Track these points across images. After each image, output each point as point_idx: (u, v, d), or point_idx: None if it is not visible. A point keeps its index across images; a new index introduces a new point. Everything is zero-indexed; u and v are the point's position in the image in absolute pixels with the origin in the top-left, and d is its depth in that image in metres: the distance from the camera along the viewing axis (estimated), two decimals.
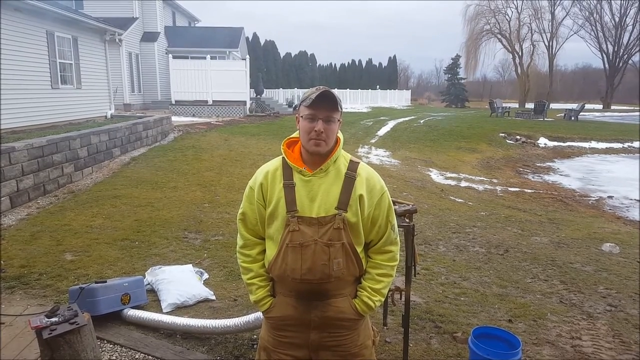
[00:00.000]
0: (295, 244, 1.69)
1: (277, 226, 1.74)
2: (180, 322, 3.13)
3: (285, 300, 1.79)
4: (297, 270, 1.70)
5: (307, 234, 1.68)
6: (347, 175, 1.72)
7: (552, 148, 17.61)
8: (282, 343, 1.81)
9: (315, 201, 1.69)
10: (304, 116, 1.68)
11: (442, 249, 5.27)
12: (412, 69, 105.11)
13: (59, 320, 2.21)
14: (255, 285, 1.84)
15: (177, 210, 6.33)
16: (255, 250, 1.86)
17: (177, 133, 13.53)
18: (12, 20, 9.36)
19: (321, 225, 1.68)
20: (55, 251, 4.68)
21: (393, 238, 1.81)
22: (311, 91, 1.70)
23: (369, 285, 1.78)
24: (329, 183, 1.71)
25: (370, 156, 12.99)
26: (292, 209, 1.69)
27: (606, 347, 3.18)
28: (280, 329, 1.81)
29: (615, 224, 7.27)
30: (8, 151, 6.15)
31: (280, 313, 1.79)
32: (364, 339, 1.84)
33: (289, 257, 1.70)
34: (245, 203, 1.84)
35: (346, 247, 1.70)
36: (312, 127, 1.66)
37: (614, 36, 46.81)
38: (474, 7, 44.64)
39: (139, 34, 21.10)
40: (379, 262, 1.80)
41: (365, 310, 1.78)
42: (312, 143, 1.67)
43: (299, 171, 1.72)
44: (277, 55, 43.94)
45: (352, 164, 1.76)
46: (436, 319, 3.48)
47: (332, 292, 1.74)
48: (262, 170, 1.81)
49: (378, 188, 1.76)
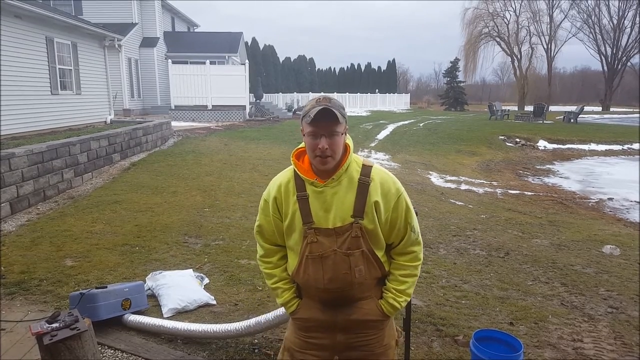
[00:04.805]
0: (314, 255, 1.69)
1: (295, 238, 1.75)
2: (181, 327, 3.12)
3: (311, 303, 1.80)
4: (320, 280, 1.70)
5: (326, 245, 1.67)
6: (360, 181, 1.68)
7: (551, 150, 17.63)
8: (308, 344, 1.81)
9: (331, 211, 1.67)
10: (307, 134, 1.63)
11: (443, 252, 5.26)
12: (411, 72, 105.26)
13: (59, 326, 2.20)
14: (281, 289, 1.85)
15: (177, 215, 6.33)
16: (276, 257, 1.87)
17: (177, 138, 13.56)
18: (12, 27, 9.39)
19: (339, 235, 1.67)
20: (55, 257, 4.68)
21: (414, 239, 1.78)
22: (311, 105, 1.63)
23: (393, 286, 1.77)
24: (343, 192, 1.67)
25: (370, 160, 12.99)
26: (308, 221, 1.68)
27: (608, 349, 3.17)
28: (307, 329, 1.81)
29: (615, 226, 7.27)
30: (8, 157, 6.16)
31: (307, 315, 1.80)
32: (389, 339, 1.84)
33: (310, 268, 1.71)
34: (261, 215, 1.83)
35: (366, 254, 1.69)
36: (316, 145, 1.61)
37: (613, 38, 46.99)
38: (472, 11, 44.89)
39: (138, 40, 21.16)
40: (401, 263, 1.78)
41: (391, 311, 1.77)
42: (317, 161, 1.64)
43: (310, 183, 1.69)
44: (276, 60, 44.10)
45: (364, 169, 1.71)
46: (437, 322, 3.48)
47: (357, 296, 1.74)
48: (274, 183, 1.79)
49: (393, 191, 1.72)
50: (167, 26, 24.58)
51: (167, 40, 23.37)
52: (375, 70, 51.41)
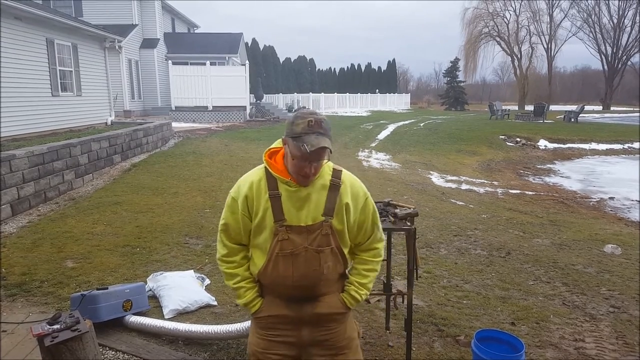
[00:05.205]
0: (285, 252, 1.73)
1: (265, 236, 1.76)
2: (182, 328, 3.12)
3: (276, 300, 1.82)
4: (289, 278, 1.75)
5: (297, 242, 1.72)
6: (332, 182, 1.76)
7: (552, 150, 17.61)
8: (273, 343, 1.82)
9: (303, 210, 1.72)
10: (296, 157, 1.64)
11: (444, 252, 5.26)
12: (411, 72, 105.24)
13: (60, 327, 2.21)
14: (244, 288, 1.85)
15: (178, 216, 6.33)
16: (239, 256, 1.87)
17: (178, 139, 13.56)
18: (12, 28, 9.40)
19: (310, 233, 1.73)
20: (56, 258, 4.68)
21: (379, 237, 1.91)
22: (302, 128, 1.61)
23: (356, 280, 1.87)
24: (316, 192, 1.74)
25: (371, 160, 13.00)
26: (280, 219, 1.72)
27: (609, 348, 3.17)
28: (271, 327, 1.83)
29: (616, 225, 7.26)
30: (9, 159, 6.16)
31: (271, 312, 1.82)
32: (351, 332, 1.91)
33: (280, 265, 1.74)
34: (228, 213, 1.83)
35: (335, 251, 1.77)
36: (302, 168, 1.65)
37: (613, 37, 46.92)
38: (472, 11, 44.89)
39: (138, 41, 21.18)
40: (365, 259, 1.89)
41: (352, 304, 1.86)
42: (301, 179, 1.69)
43: (285, 182, 1.72)
44: (276, 61, 44.10)
45: (335, 172, 1.79)
46: (439, 323, 3.48)
47: (322, 291, 1.81)
48: (245, 181, 1.79)
49: (361, 194, 1.82)
50: (167, 27, 24.60)
51: (168, 42, 23.39)
52: (375, 71, 51.38)
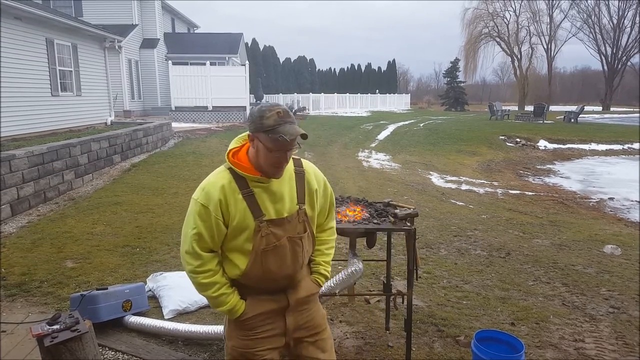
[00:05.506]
0: (271, 246, 1.74)
1: (245, 236, 1.72)
2: (182, 328, 3.12)
3: (260, 297, 1.82)
4: (277, 270, 1.77)
5: (279, 234, 1.75)
6: (296, 171, 1.83)
7: (552, 150, 17.61)
8: (259, 340, 1.81)
9: (279, 202, 1.76)
10: (273, 150, 1.64)
11: (444, 252, 5.26)
12: (411, 72, 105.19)
13: (60, 327, 2.20)
14: (225, 294, 1.77)
15: (178, 216, 6.32)
16: (214, 263, 1.77)
17: (177, 139, 13.56)
18: (12, 28, 9.40)
19: (289, 222, 1.77)
20: (56, 258, 4.68)
21: (333, 215, 2.04)
22: (274, 120, 1.63)
23: (322, 259, 1.98)
24: (285, 183, 1.78)
25: (371, 160, 13.00)
26: (259, 215, 1.71)
27: (609, 349, 3.17)
28: (257, 326, 1.81)
29: (616, 226, 7.26)
30: (8, 159, 6.16)
31: (256, 311, 1.80)
32: (321, 309, 2.01)
33: (268, 259, 1.75)
34: (199, 222, 1.70)
35: (309, 236, 1.86)
36: (278, 159, 1.67)
37: (613, 38, 46.93)
38: (472, 11, 44.84)
39: (138, 41, 21.17)
40: (325, 239, 2.00)
41: (323, 281, 1.98)
42: (275, 171, 1.71)
43: (256, 180, 1.71)
44: (276, 61, 44.13)
45: (296, 161, 1.85)
46: (439, 323, 3.48)
47: (301, 275, 1.89)
48: (213, 185, 1.72)
49: (322, 179, 1.93)
50: (167, 27, 24.59)
51: (168, 42, 23.38)
52: (375, 71, 51.40)
